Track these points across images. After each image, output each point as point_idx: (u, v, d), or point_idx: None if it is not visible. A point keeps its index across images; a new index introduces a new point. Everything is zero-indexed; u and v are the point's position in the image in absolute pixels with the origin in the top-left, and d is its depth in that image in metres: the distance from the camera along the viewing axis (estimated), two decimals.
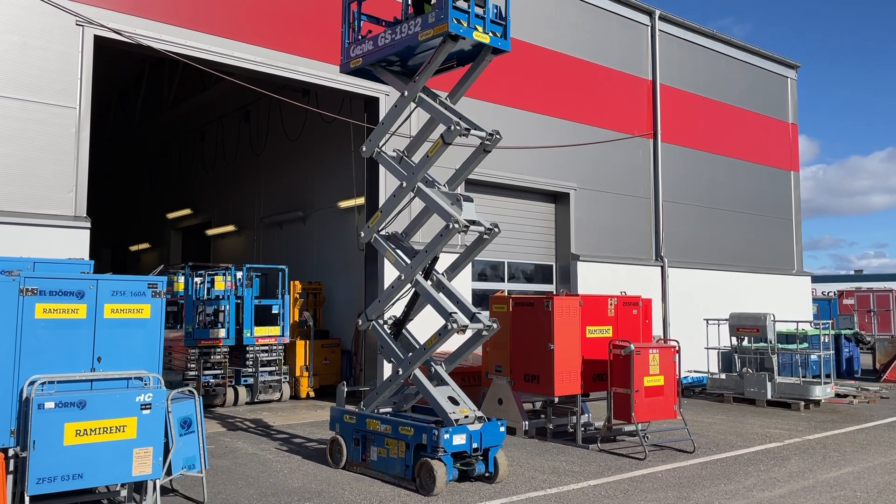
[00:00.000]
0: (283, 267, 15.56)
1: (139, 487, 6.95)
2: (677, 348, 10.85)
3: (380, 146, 9.49)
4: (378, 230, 9.40)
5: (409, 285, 8.99)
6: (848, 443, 11.30)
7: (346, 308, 17.24)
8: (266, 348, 15.10)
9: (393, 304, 9.41)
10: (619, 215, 18.83)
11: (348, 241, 17.02)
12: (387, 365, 13.16)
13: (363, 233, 9.54)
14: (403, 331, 9.45)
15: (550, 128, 17.40)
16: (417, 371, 8.78)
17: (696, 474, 9.15)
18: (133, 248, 32.25)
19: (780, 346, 15.93)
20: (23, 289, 6.52)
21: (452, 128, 8.32)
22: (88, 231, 11.04)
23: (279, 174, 20.93)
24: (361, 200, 15.83)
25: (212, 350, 14.53)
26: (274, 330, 15.10)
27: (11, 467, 6.36)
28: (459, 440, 8.15)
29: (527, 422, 11.52)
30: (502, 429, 8.61)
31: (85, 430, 6.43)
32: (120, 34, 11.53)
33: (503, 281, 17.22)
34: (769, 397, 15.15)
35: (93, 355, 6.85)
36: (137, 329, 7.11)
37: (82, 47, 11.21)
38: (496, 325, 8.56)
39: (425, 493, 7.96)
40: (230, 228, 23.86)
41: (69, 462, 6.34)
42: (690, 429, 10.93)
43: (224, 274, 15.79)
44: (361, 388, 12.78)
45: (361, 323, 9.52)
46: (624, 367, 10.39)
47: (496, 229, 8.60)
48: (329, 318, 17.58)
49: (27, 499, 6.17)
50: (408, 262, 8.94)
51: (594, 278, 17.52)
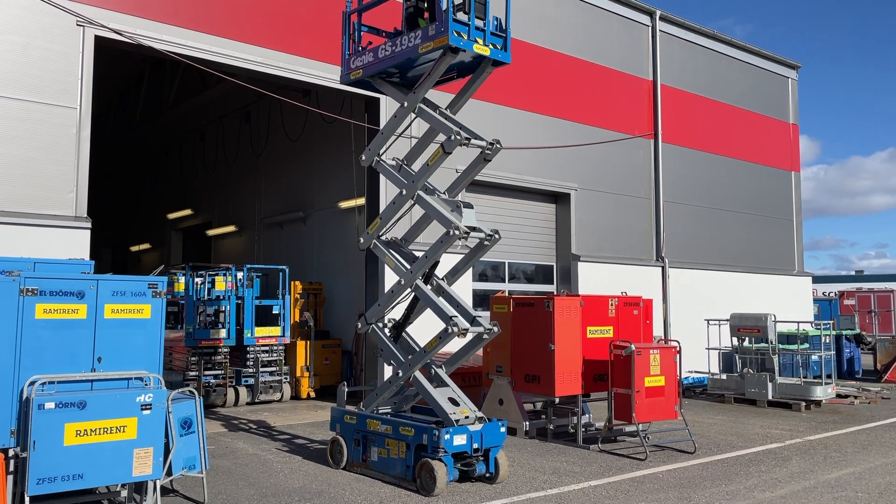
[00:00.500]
0: (284, 267, 15.57)
1: (139, 488, 6.95)
2: (678, 349, 10.85)
3: (379, 155, 9.51)
4: (378, 236, 9.42)
5: (409, 290, 9.01)
6: (849, 443, 11.29)
7: (347, 308, 17.24)
8: (267, 349, 15.11)
9: (393, 308, 9.43)
10: (620, 215, 18.82)
11: (349, 242, 17.01)
12: (387, 366, 13.15)
13: (363, 239, 9.57)
14: (403, 334, 9.46)
15: (551, 128, 17.40)
16: (417, 373, 8.78)
17: (697, 475, 9.14)
18: (133, 249, 32.25)
19: (781, 347, 15.93)
20: (23, 289, 6.52)
21: (453, 137, 8.33)
22: (89, 231, 11.04)
23: (280, 174, 20.93)
24: (362, 201, 15.83)
25: (212, 350, 14.55)
26: (274, 330, 15.11)
27: (11, 468, 6.36)
28: (460, 440, 8.15)
29: (527, 422, 11.52)
30: (503, 429, 8.61)
31: (85, 431, 6.43)
32: (120, 34, 11.54)
33: (504, 281, 17.22)
34: (770, 398, 15.14)
35: (93, 355, 6.85)
36: (138, 329, 7.11)
37: (83, 47, 11.22)
38: (497, 329, 8.56)
39: (426, 494, 7.95)
40: (231, 229, 23.85)
41: (69, 462, 6.34)
42: (691, 429, 10.93)
43: (225, 274, 15.81)
44: (362, 389, 12.78)
45: (361, 326, 9.53)
46: (625, 368, 10.38)
47: (496, 235, 8.60)
48: (329, 319, 17.58)
49: (27, 499, 6.16)
50: (408, 268, 8.95)
51: (595, 279, 17.51)
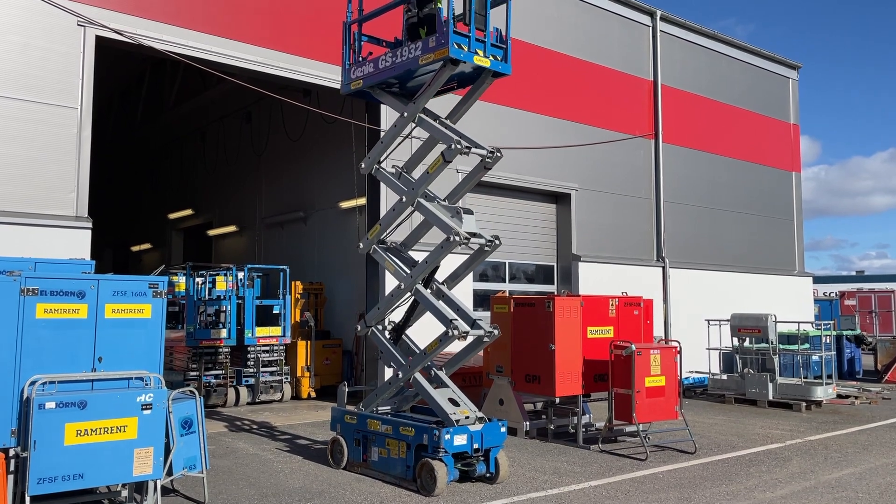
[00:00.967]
0: (285, 267, 15.56)
1: (140, 488, 6.95)
2: (678, 349, 10.84)
3: (379, 162, 9.54)
4: (377, 241, 9.45)
5: (409, 294, 9.03)
6: (849, 444, 11.29)
7: (348, 308, 17.24)
8: (267, 348, 15.11)
9: (392, 311, 9.47)
10: (621, 216, 18.81)
11: (349, 242, 17.00)
12: (387, 368, 13.15)
13: (362, 244, 9.60)
14: (403, 336, 9.47)
15: (551, 128, 17.40)
16: (417, 374, 8.78)
17: (698, 475, 9.14)
18: (134, 249, 32.28)
19: (782, 347, 15.93)
20: (24, 289, 6.52)
21: (453, 146, 8.33)
22: (90, 231, 11.05)
23: (280, 174, 20.93)
24: (363, 201, 15.83)
25: (213, 350, 14.55)
26: (275, 330, 15.11)
27: (12, 467, 6.36)
28: (460, 441, 8.15)
29: (528, 422, 11.51)
30: (503, 429, 8.61)
31: (86, 431, 6.43)
32: (121, 34, 11.55)
33: (504, 281, 17.21)
34: (770, 398, 15.14)
35: (94, 355, 6.85)
36: (138, 329, 7.10)
37: (84, 48, 11.22)
38: (497, 332, 8.56)
39: (426, 494, 7.95)
40: (231, 229, 23.86)
41: (70, 462, 6.34)
42: (692, 429, 10.92)
43: (225, 274, 15.82)
44: (362, 389, 12.77)
45: (360, 329, 9.55)
46: (625, 368, 10.38)
47: (497, 241, 8.61)
48: (330, 319, 17.58)
49: (28, 499, 6.17)
50: (408, 272, 8.97)
51: (595, 279, 17.51)
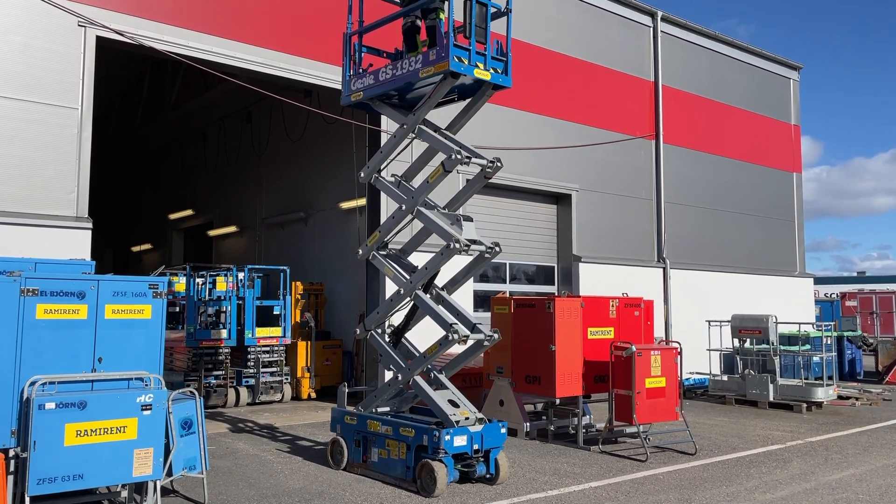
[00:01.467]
0: (285, 268, 15.56)
1: (140, 488, 6.94)
2: (679, 350, 10.83)
3: (378, 172, 9.55)
4: (377, 249, 9.46)
5: (409, 299, 9.04)
6: (850, 445, 11.28)
7: (348, 309, 17.23)
8: (267, 349, 15.10)
9: (392, 315, 9.49)
10: (621, 216, 18.81)
11: (350, 243, 17.01)
12: (387, 370, 13.15)
13: (361, 250, 9.62)
14: (402, 339, 9.48)
15: (552, 129, 17.39)
16: (417, 376, 8.78)
17: (698, 476, 9.13)
18: (135, 249, 32.28)
19: (783, 348, 15.90)
20: (24, 289, 6.52)
21: (453, 156, 8.33)
22: (90, 232, 11.05)
23: (281, 175, 20.94)
24: (363, 202, 15.82)
25: (213, 351, 14.55)
26: (275, 331, 15.11)
27: (12, 468, 6.36)
28: (460, 441, 8.14)
29: (528, 423, 11.50)
30: (503, 430, 8.61)
31: (85, 431, 6.42)
32: (122, 35, 11.55)
33: (505, 282, 17.20)
34: (771, 399, 15.12)
35: (94, 356, 6.85)
36: (138, 330, 7.10)
37: (84, 48, 11.22)
38: (497, 336, 8.56)
39: (426, 495, 7.94)
40: (232, 229, 23.86)
41: (70, 463, 6.34)
42: (692, 430, 10.91)
43: (226, 275, 15.81)
44: (363, 389, 12.76)
45: (360, 332, 9.56)
46: (625, 369, 10.37)
47: (497, 248, 8.61)
48: (330, 319, 17.57)
49: (27, 499, 6.16)
50: (407, 278, 8.98)
51: (596, 279, 17.49)
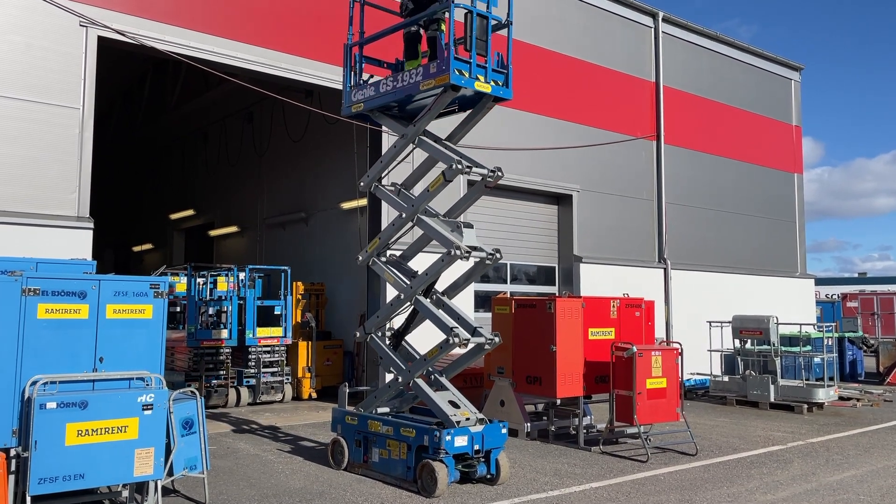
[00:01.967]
0: (286, 268, 15.56)
1: (141, 488, 6.95)
2: (680, 350, 10.83)
3: (378, 181, 9.57)
4: (377, 255, 9.48)
5: (409, 303, 9.06)
6: (851, 446, 11.27)
7: (349, 309, 17.23)
8: (268, 349, 15.10)
9: (392, 319, 9.51)
10: (622, 217, 18.80)
11: (351, 243, 17.00)
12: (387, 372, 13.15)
13: (361, 257, 9.63)
14: (403, 342, 9.49)
15: (553, 129, 17.39)
16: (418, 378, 8.79)
17: (699, 477, 9.13)
18: (136, 249, 32.30)
19: (784, 349, 15.90)
20: (25, 289, 6.52)
21: (454, 166, 8.34)
22: (91, 231, 11.05)
23: (282, 175, 20.94)
24: (364, 202, 15.82)
25: (214, 351, 14.55)
26: (276, 331, 15.11)
27: (13, 467, 6.36)
28: (461, 442, 8.14)
29: (528, 424, 11.50)
30: (504, 431, 8.61)
31: (86, 431, 6.43)
32: (123, 35, 11.55)
33: (505, 282, 17.20)
34: (772, 400, 15.11)
35: (95, 356, 6.85)
36: (139, 329, 7.10)
37: (86, 48, 11.22)
38: (498, 339, 8.56)
39: (427, 495, 7.94)
40: (233, 229, 23.86)
41: (71, 462, 6.34)
42: (693, 431, 10.91)
43: (227, 275, 15.82)
44: (363, 390, 12.77)
45: (360, 335, 9.58)
46: (626, 370, 10.37)
47: (497, 255, 8.63)
48: (331, 319, 17.58)
49: (28, 499, 6.17)
50: (408, 283, 9.00)
51: (597, 280, 17.49)
